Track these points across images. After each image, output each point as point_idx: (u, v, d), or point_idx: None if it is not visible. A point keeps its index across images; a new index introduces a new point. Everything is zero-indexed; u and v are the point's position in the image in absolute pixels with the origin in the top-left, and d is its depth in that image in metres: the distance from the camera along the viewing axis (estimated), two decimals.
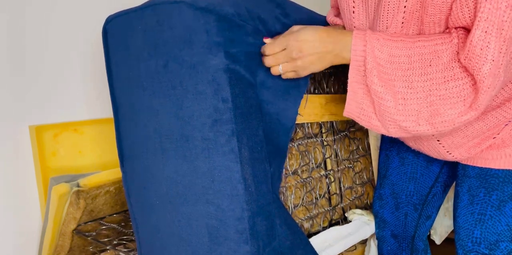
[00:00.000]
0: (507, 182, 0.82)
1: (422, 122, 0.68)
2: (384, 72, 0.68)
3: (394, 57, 0.67)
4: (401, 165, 1.05)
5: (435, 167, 1.01)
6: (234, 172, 0.67)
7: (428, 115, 0.67)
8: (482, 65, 0.60)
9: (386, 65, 0.68)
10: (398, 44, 0.68)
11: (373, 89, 0.69)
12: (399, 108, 0.68)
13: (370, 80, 0.69)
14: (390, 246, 1.11)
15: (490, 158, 0.82)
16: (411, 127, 0.69)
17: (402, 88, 0.67)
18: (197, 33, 0.67)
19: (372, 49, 0.68)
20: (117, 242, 1.00)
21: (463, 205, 0.88)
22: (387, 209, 1.08)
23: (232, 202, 0.68)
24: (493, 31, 0.58)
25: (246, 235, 0.68)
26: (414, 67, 0.66)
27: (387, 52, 0.68)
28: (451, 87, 0.64)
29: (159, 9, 0.70)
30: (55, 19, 1.08)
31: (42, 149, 1.03)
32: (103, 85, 1.15)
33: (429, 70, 0.65)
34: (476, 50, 0.60)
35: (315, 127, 1.05)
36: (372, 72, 0.68)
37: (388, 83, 0.68)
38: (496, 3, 0.57)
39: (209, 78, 0.67)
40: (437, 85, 0.65)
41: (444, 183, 1.03)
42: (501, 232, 0.83)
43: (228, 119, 0.67)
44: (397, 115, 0.68)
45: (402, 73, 0.67)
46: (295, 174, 1.00)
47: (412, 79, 0.66)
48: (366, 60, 0.69)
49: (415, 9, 0.68)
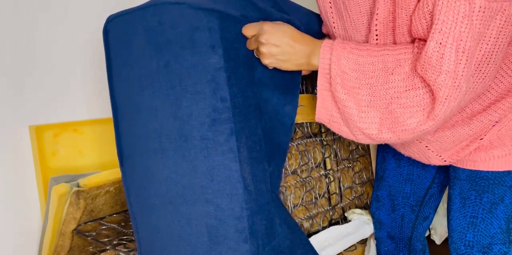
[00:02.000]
0: (497, 184, 0.81)
1: (384, 130, 0.68)
2: (348, 79, 0.69)
3: (359, 65, 0.68)
4: (397, 167, 1.05)
5: (431, 168, 1.01)
6: (233, 171, 0.68)
7: (389, 123, 0.67)
8: (437, 76, 0.60)
9: (351, 73, 0.68)
10: (363, 53, 0.69)
11: (337, 97, 0.70)
12: (361, 116, 0.69)
13: (334, 88, 0.70)
14: (387, 247, 1.11)
15: (478, 160, 0.82)
16: (374, 134, 0.69)
17: (365, 95, 0.68)
18: (200, 31, 0.67)
19: (337, 57, 0.69)
20: (117, 242, 1.00)
21: (455, 208, 0.88)
22: (384, 210, 1.08)
23: (232, 201, 0.68)
24: (448, 42, 0.58)
25: (245, 234, 0.68)
26: (378, 75, 0.67)
27: (352, 60, 0.69)
28: (412, 96, 0.65)
29: (161, 9, 0.70)
30: (55, 19, 1.08)
31: (42, 149, 1.03)
32: (103, 85, 1.15)
33: (391, 78, 0.66)
34: (432, 61, 0.60)
35: (315, 127, 1.05)
36: (335, 80, 0.69)
37: (352, 91, 0.69)
38: (452, 15, 0.57)
39: (208, 77, 0.67)
40: (399, 93, 0.66)
41: (441, 184, 1.03)
42: (493, 235, 0.83)
43: (227, 119, 0.67)
44: (360, 123, 0.69)
45: (366, 81, 0.68)
46: (294, 174, 1.00)
47: (375, 87, 0.67)
48: (331, 68, 0.70)
49: (388, 20, 0.69)
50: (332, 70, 0.70)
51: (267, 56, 0.71)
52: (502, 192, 0.81)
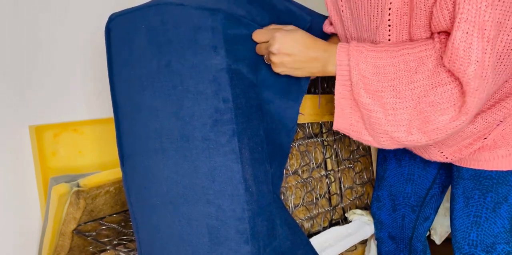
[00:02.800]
0: (501, 183, 0.81)
1: (414, 131, 0.67)
2: (370, 84, 0.67)
3: (379, 68, 0.67)
4: (398, 167, 1.04)
5: (432, 168, 1.01)
6: (235, 172, 0.67)
7: (419, 123, 0.66)
8: (467, 67, 0.59)
9: (372, 77, 0.67)
10: (382, 55, 0.67)
11: (361, 102, 0.69)
12: (389, 119, 0.67)
13: (357, 93, 0.68)
14: (388, 247, 1.11)
15: (482, 159, 0.81)
16: (403, 137, 0.68)
17: (390, 98, 0.66)
18: (202, 31, 0.67)
19: (356, 62, 0.67)
20: (117, 242, 1.00)
21: (458, 208, 0.88)
22: (384, 211, 1.08)
23: (233, 202, 0.68)
24: (474, 31, 0.57)
25: (246, 235, 0.68)
26: (400, 76, 0.65)
27: (371, 64, 0.67)
28: (440, 93, 0.63)
29: (164, 9, 0.70)
30: (56, 19, 1.08)
31: (42, 149, 1.03)
32: (103, 85, 1.14)
33: (415, 77, 0.65)
34: (459, 52, 0.58)
35: (316, 127, 1.05)
36: (358, 85, 0.68)
37: (376, 94, 0.67)
38: (476, 3, 0.56)
39: (210, 78, 0.67)
40: (426, 92, 0.64)
41: (442, 184, 1.03)
42: (497, 234, 0.83)
43: (229, 120, 0.67)
44: (388, 126, 0.68)
45: (389, 84, 0.66)
46: (295, 174, 1.00)
47: (400, 88, 0.66)
48: (351, 74, 0.68)
49: (403, 12, 0.67)
50: (352, 76, 0.68)
51: (279, 65, 0.70)
52: (506, 191, 0.81)
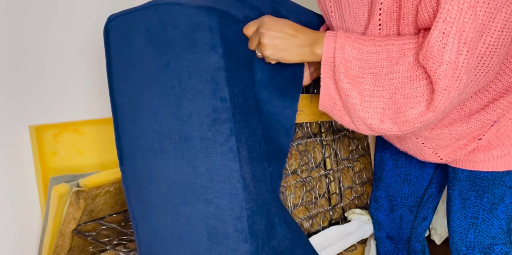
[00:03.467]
0: (497, 184, 0.81)
1: (386, 120, 0.68)
2: (352, 68, 0.68)
3: (362, 54, 0.67)
4: (394, 167, 1.04)
5: (428, 168, 1.01)
6: (233, 171, 0.68)
7: (392, 113, 0.67)
8: (438, 66, 0.59)
9: (355, 62, 0.68)
10: (368, 42, 0.68)
11: (340, 86, 0.69)
12: (364, 105, 0.68)
13: (337, 77, 0.69)
14: (386, 247, 1.11)
15: (478, 160, 0.81)
16: (375, 125, 0.68)
17: (369, 85, 0.67)
18: (201, 30, 0.67)
19: (342, 45, 0.68)
20: (117, 242, 1.00)
21: (455, 209, 0.88)
22: (382, 211, 1.08)
23: (231, 201, 0.68)
24: (451, 32, 0.57)
25: (245, 234, 0.68)
26: (382, 65, 0.66)
27: (356, 49, 0.68)
28: (416, 87, 0.64)
29: (163, 9, 0.70)
30: (55, 19, 1.08)
31: (42, 149, 1.03)
32: (103, 85, 1.15)
33: (395, 68, 0.65)
34: (433, 51, 0.59)
35: (315, 127, 1.05)
36: (339, 69, 0.68)
37: (356, 80, 0.68)
38: (457, 4, 0.56)
39: (208, 77, 0.67)
40: (403, 84, 0.65)
41: (439, 184, 1.03)
42: (495, 235, 0.83)
43: (227, 119, 0.67)
44: (362, 113, 0.68)
45: (370, 71, 0.67)
46: (294, 174, 1.00)
47: (379, 77, 0.66)
48: (335, 56, 0.69)
49: (393, 10, 0.68)
50: (336, 59, 0.69)
51: (268, 46, 0.70)
52: (502, 192, 0.81)
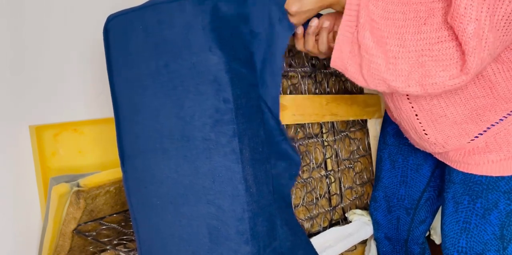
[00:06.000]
0: (491, 189, 0.79)
1: (412, 83, 0.64)
2: (377, 28, 0.65)
3: (388, 13, 0.64)
4: (392, 168, 1.03)
5: (425, 170, 1.00)
6: (235, 173, 0.67)
7: (419, 76, 0.64)
8: (467, 25, 0.57)
9: (380, 21, 0.65)
10: (394, 0, 0.65)
11: (364, 44, 0.66)
12: (389, 67, 0.65)
13: (362, 35, 0.65)
14: (385, 248, 1.11)
15: (472, 163, 0.80)
16: (400, 87, 0.66)
17: (394, 46, 0.64)
18: (194, 30, 0.67)
19: (366, 3, 0.65)
20: (117, 242, 1.00)
21: (448, 213, 0.86)
22: (380, 211, 1.07)
23: (233, 202, 0.68)
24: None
25: (247, 235, 0.68)
26: (408, 24, 0.63)
27: (381, 7, 0.65)
28: (445, 48, 0.61)
29: (160, 8, 0.70)
30: (55, 19, 1.08)
31: (42, 149, 1.03)
32: (103, 85, 1.14)
33: (423, 29, 0.62)
34: (460, 9, 0.57)
35: (316, 127, 1.05)
36: (364, 26, 0.65)
37: (380, 40, 0.65)
38: None
39: (210, 78, 0.67)
40: (430, 45, 0.62)
41: (437, 187, 1.01)
42: (487, 241, 0.81)
43: (230, 120, 0.67)
44: (387, 74, 0.65)
45: (396, 30, 0.64)
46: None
47: (406, 37, 0.63)
48: (359, 15, 0.65)
49: None
50: (360, 17, 0.65)
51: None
52: (496, 198, 0.79)
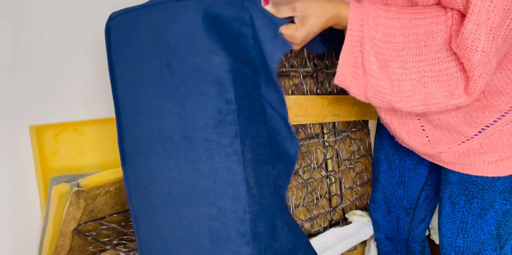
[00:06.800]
0: (487, 189, 0.80)
1: (416, 103, 0.67)
2: (380, 52, 0.67)
3: (389, 37, 0.66)
4: (389, 169, 1.03)
5: (423, 170, 1.00)
6: (237, 174, 0.67)
7: (422, 97, 0.66)
8: (473, 56, 0.60)
9: (382, 45, 0.66)
10: (394, 23, 0.66)
11: (370, 70, 0.68)
12: (394, 90, 0.67)
13: (368, 61, 0.67)
14: (385, 248, 1.11)
15: (468, 164, 0.80)
16: (404, 108, 0.68)
17: (396, 69, 0.66)
18: (197, 31, 0.66)
19: (368, 29, 0.67)
20: (117, 242, 1.00)
21: (445, 213, 0.86)
22: (380, 212, 1.08)
23: (234, 204, 0.68)
24: (483, 22, 0.58)
25: (248, 237, 0.68)
26: (409, 47, 0.65)
27: (382, 32, 0.66)
28: (445, 68, 0.64)
29: (164, 8, 0.70)
30: (55, 19, 1.08)
31: (42, 149, 1.03)
32: (103, 85, 1.14)
33: (423, 50, 0.65)
34: (467, 42, 0.60)
35: (317, 127, 1.05)
36: (369, 52, 0.67)
37: (384, 64, 0.67)
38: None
39: (213, 78, 0.67)
40: (431, 66, 0.64)
41: (434, 186, 1.01)
42: (484, 240, 0.81)
43: (232, 121, 0.67)
44: (392, 97, 0.68)
45: (397, 53, 0.66)
46: (296, 175, 1.00)
47: (407, 59, 0.65)
48: (363, 41, 0.67)
49: None
50: (365, 43, 0.67)
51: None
52: (492, 198, 0.80)
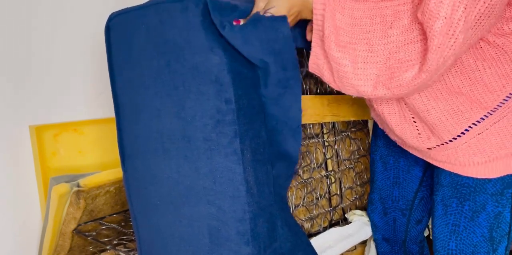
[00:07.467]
0: (478, 191, 0.79)
1: (379, 86, 0.65)
2: (344, 35, 0.65)
3: (355, 20, 0.65)
4: (384, 170, 1.03)
5: (417, 171, 1.00)
6: (236, 174, 0.67)
7: (385, 79, 0.65)
8: (434, 21, 0.57)
9: (347, 28, 0.65)
10: (360, 6, 0.65)
11: (331, 55, 0.67)
12: (357, 72, 0.66)
13: (328, 46, 0.66)
14: (383, 249, 1.11)
15: (458, 164, 0.80)
16: (368, 91, 0.66)
17: (362, 51, 0.65)
18: (196, 31, 0.67)
19: (332, 12, 0.66)
20: (117, 242, 1.00)
21: (438, 215, 0.86)
22: (377, 213, 1.07)
23: (234, 203, 0.68)
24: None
25: (247, 236, 0.68)
26: (376, 29, 0.64)
27: (348, 15, 0.65)
28: (410, 50, 0.62)
29: (162, 8, 0.70)
30: (55, 19, 1.08)
31: (42, 149, 1.03)
32: (103, 85, 1.14)
33: (390, 32, 0.63)
34: (430, 5, 0.57)
35: (317, 127, 1.05)
36: (329, 37, 0.66)
37: (348, 47, 0.65)
38: None
39: (212, 78, 0.67)
40: (397, 48, 0.63)
41: (430, 187, 1.01)
42: (476, 243, 0.81)
43: (231, 121, 0.67)
44: (355, 80, 0.66)
45: (363, 36, 0.64)
46: (296, 175, 1.00)
47: (373, 42, 0.64)
48: (324, 26, 0.66)
49: None
50: (325, 28, 0.66)
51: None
52: (483, 200, 0.80)
